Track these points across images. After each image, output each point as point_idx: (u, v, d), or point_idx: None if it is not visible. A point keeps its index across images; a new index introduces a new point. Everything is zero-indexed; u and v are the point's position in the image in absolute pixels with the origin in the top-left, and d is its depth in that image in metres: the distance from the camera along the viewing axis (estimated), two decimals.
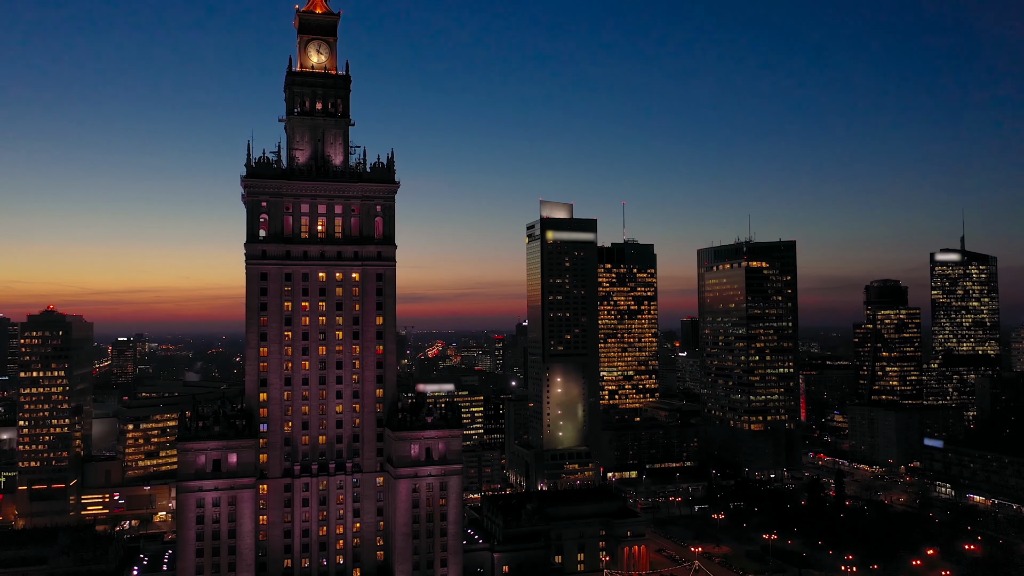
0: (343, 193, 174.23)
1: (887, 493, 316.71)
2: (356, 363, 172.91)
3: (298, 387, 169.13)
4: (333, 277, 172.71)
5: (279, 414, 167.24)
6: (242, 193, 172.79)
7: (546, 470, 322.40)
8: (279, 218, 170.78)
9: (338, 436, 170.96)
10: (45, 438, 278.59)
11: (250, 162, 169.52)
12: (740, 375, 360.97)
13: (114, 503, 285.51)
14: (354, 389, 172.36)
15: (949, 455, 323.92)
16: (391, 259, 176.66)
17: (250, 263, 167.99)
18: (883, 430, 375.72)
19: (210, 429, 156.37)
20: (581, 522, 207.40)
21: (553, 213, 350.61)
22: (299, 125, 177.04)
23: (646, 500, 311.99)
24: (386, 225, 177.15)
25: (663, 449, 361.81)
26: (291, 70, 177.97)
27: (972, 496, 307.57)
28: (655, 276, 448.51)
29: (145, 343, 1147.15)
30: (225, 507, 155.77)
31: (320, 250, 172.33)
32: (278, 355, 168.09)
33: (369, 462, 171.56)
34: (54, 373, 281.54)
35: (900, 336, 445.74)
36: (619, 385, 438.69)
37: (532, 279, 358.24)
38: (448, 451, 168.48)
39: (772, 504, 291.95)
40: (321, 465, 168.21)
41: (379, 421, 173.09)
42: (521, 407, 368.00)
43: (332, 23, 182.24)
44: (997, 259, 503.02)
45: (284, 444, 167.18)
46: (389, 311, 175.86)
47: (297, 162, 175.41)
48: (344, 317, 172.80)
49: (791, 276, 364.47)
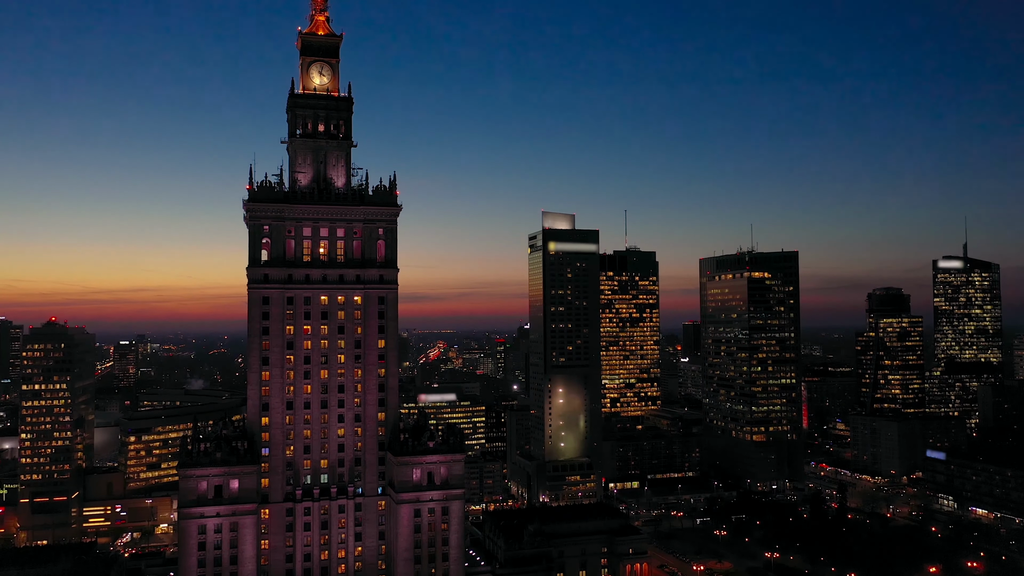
0: (345, 216, 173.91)
1: (890, 506, 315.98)
2: (358, 386, 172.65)
3: (300, 411, 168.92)
4: (335, 300, 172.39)
5: (281, 438, 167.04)
6: (244, 215, 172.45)
7: (548, 482, 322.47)
8: (281, 241, 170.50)
9: (340, 460, 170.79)
10: (47, 451, 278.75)
11: (252, 185, 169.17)
12: (742, 385, 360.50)
13: (116, 515, 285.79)
14: (356, 412, 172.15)
15: (952, 467, 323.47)
16: (393, 282, 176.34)
17: (252, 287, 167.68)
18: (885, 440, 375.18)
19: (212, 455, 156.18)
20: (583, 539, 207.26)
21: (555, 224, 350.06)
22: (301, 147, 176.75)
23: (648, 512, 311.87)
24: (388, 248, 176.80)
25: (665, 459, 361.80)
26: (293, 92, 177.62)
27: (975, 509, 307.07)
28: (657, 284, 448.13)
29: (147, 344, 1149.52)
30: (227, 533, 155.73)
31: (322, 273, 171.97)
32: (280, 379, 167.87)
33: (371, 486, 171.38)
34: (56, 386, 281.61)
35: (902, 344, 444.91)
36: (621, 393, 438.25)
37: (534, 290, 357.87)
38: (450, 475, 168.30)
39: (774, 517, 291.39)
40: (323, 489, 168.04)
41: (381, 444, 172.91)
42: (523, 416, 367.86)
43: (334, 45, 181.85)
44: (1000, 266, 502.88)
45: (286, 468, 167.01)
46: (391, 334, 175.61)
47: (299, 184, 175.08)
48: (346, 340, 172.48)
49: (793, 286, 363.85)
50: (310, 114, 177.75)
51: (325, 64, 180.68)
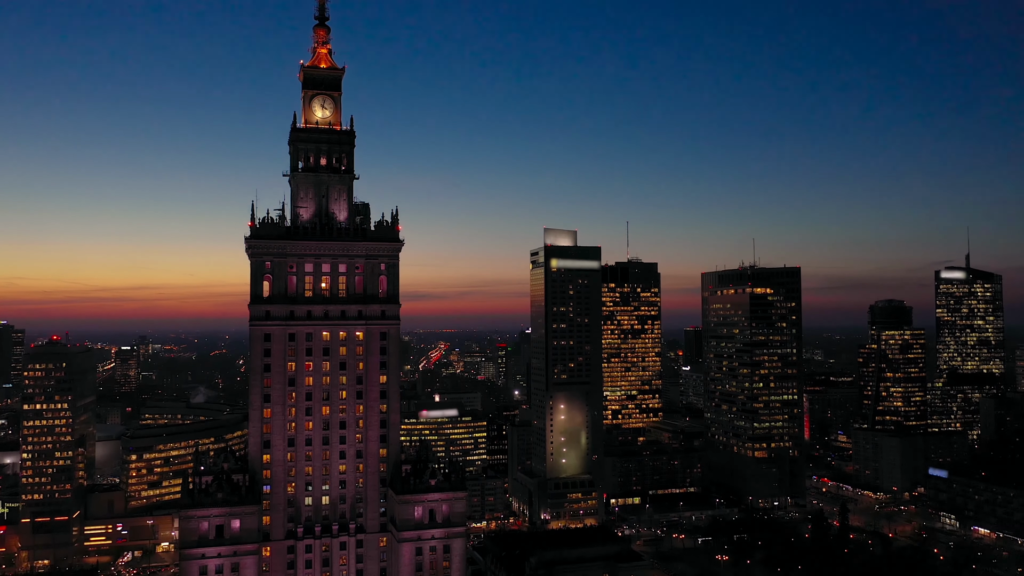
0: (347, 252, 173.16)
1: (891, 525, 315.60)
2: (360, 422, 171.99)
3: (301, 448, 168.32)
4: (337, 336, 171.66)
5: (282, 475, 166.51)
6: (247, 248, 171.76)
7: (549, 499, 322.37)
8: (283, 277, 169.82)
9: (341, 496, 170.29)
10: (48, 470, 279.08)
11: (254, 222, 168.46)
12: (744, 401, 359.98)
13: (117, 534, 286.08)
14: (357, 449, 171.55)
15: (954, 486, 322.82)
16: (395, 318, 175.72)
17: (254, 324, 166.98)
18: (888, 455, 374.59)
19: (213, 495, 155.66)
20: (585, 566, 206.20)
21: (557, 241, 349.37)
22: (303, 182, 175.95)
23: (649, 530, 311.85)
24: (390, 283, 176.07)
25: (666, 475, 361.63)
26: (295, 126, 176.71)
27: (977, 529, 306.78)
28: (659, 295, 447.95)
29: (149, 344, 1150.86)
30: (228, 573, 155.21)
31: (324, 309, 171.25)
32: (281, 416, 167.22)
33: (372, 523, 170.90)
34: (57, 406, 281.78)
35: (904, 356, 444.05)
36: (622, 405, 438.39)
37: (536, 307, 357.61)
38: (452, 513, 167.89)
39: (775, 536, 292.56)
40: (324, 527, 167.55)
41: (383, 480, 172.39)
42: (525, 431, 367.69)
43: (336, 78, 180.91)
44: (1002, 277, 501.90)
45: (287, 505, 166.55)
46: (393, 370, 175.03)
47: (301, 219, 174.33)
48: (348, 376, 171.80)
49: (795, 302, 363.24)
50: (312, 148, 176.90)
51: (327, 97, 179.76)
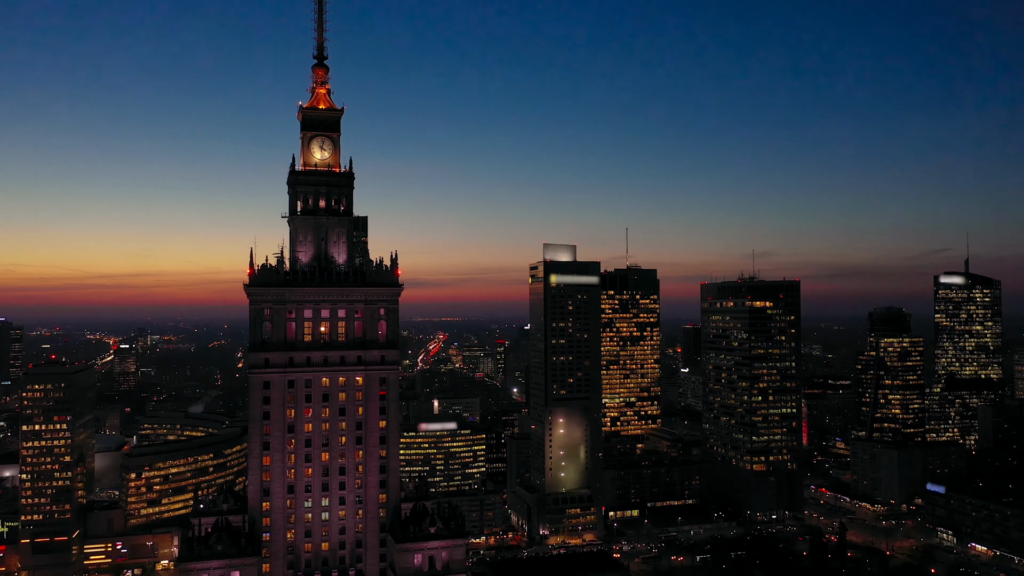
0: (346, 297, 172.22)
1: (889, 541, 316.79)
2: (359, 468, 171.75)
3: (301, 495, 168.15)
4: (336, 382, 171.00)
5: (282, 523, 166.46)
6: (247, 294, 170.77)
7: (548, 515, 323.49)
8: (282, 324, 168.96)
9: (341, 543, 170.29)
10: (48, 491, 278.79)
11: (253, 269, 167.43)
12: (742, 415, 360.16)
13: (116, 552, 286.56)
14: (357, 495, 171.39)
15: (951, 502, 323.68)
16: (395, 363, 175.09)
17: (253, 372, 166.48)
18: (886, 466, 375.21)
19: (212, 548, 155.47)
20: None
21: (556, 256, 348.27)
22: (302, 224, 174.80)
23: (647, 545, 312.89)
24: (390, 328, 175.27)
25: (665, 487, 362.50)
26: (294, 169, 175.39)
27: (974, 545, 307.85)
28: (658, 302, 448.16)
29: (147, 336, 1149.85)
30: None
31: (323, 355, 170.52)
32: (281, 463, 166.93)
33: (372, 569, 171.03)
34: (56, 426, 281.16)
35: (903, 364, 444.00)
36: (621, 412, 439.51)
37: (535, 322, 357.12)
38: (451, 560, 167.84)
39: (774, 554, 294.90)
40: (324, 573, 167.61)
41: (383, 526, 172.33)
42: (523, 444, 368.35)
43: (335, 119, 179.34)
44: (1000, 282, 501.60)
45: (287, 553, 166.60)
46: (392, 415, 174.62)
47: (300, 263, 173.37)
48: (347, 422, 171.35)
49: (794, 315, 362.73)
50: (311, 190, 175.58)
51: (326, 139, 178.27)
